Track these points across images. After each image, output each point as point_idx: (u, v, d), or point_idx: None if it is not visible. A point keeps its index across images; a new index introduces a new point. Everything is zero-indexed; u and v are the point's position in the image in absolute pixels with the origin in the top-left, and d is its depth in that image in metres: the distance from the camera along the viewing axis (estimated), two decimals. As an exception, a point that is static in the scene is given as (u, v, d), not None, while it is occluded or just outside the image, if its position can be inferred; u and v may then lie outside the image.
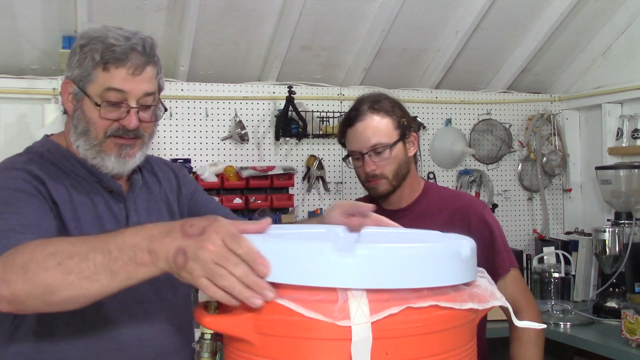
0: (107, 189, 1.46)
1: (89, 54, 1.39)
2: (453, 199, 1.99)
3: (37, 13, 2.82)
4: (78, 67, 1.40)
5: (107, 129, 1.41)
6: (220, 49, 3.22)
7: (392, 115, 1.91)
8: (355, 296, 0.92)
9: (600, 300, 2.99)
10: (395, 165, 1.90)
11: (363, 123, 1.89)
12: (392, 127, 1.90)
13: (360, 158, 1.91)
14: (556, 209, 3.92)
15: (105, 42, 1.38)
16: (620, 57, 3.56)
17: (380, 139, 1.88)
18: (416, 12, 3.21)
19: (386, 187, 1.92)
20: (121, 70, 1.38)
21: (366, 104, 1.91)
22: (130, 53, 1.39)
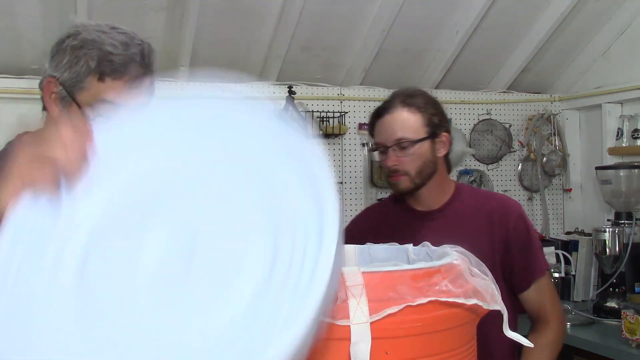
0: None
1: (83, 59, 1.30)
2: (488, 199, 1.93)
3: (37, 13, 2.82)
4: (68, 70, 1.31)
5: None
6: (220, 49, 3.22)
7: (423, 111, 1.84)
8: (354, 295, 0.92)
9: (600, 300, 2.99)
10: (420, 162, 1.82)
11: (391, 116, 1.83)
12: (420, 123, 1.83)
13: (385, 151, 1.85)
14: (556, 209, 3.92)
15: (102, 49, 1.29)
16: (620, 57, 3.56)
17: (406, 134, 1.81)
18: (416, 12, 3.21)
19: (407, 185, 1.84)
20: (118, 83, 1.30)
21: (399, 97, 1.85)
22: (129, 65, 1.31)
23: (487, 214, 1.85)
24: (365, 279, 0.93)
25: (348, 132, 3.51)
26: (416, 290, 0.95)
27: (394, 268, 0.97)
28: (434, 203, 1.88)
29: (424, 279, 0.97)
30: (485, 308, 1.01)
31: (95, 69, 1.29)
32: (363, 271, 0.95)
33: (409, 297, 0.94)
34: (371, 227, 1.90)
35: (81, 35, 1.32)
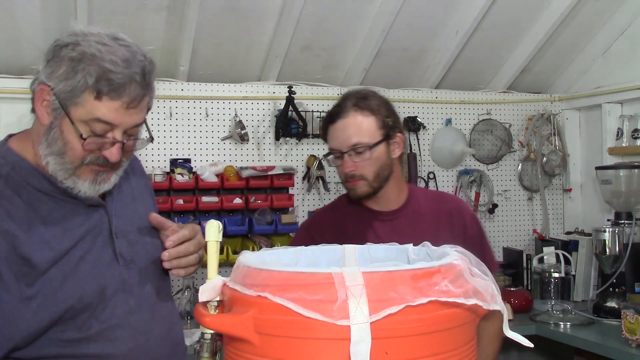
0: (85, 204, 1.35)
1: (81, 74, 1.23)
2: (442, 198, 1.98)
3: (37, 13, 2.82)
4: (64, 82, 1.24)
5: (86, 156, 1.28)
6: (220, 49, 3.22)
7: (376, 114, 1.80)
8: (354, 295, 0.92)
9: (600, 300, 2.99)
10: (377, 166, 1.80)
11: (345, 120, 1.79)
12: (375, 126, 1.79)
13: (340, 157, 1.81)
14: (556, 209, 3.92)
15: (102, 66, 1.23)
16: (620, 57, 3.56)
17: (362, 139, 1.78)
18: (416, 12, 3.21)
19: (365, 189, 1.82)
20: (115, 102, 1.24)
21: (351, 100, 1.81)
22: (129, 85, 1.25)
23: (446, 213, 1.89)
24: (365, 279, 0.94)
25: (348, 132, 3.51)
26: (416, 290, 0.95)
27: (394, 268, 0.97)
28: (393, 203, 1.88)
29: (424, 279, 0.97)
30: (485, 308, 1.01)
31: (92, 86, 1.23)
32: (363, 271, 0.95)
33: (409, 297, 0.94)
34: (330, 229, 1.86)
35: (80, 46, 1.25)
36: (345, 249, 1.35)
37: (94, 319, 1.31)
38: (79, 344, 1.30)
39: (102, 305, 1.32)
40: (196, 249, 1.41)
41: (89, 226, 1.35)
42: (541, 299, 3.26)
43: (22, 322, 1.25)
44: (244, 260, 1.07)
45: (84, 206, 1.35)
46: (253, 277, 1.00)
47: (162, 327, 1.42)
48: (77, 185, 1.30)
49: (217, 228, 1.14)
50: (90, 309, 1.31)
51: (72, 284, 1.28)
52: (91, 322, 1.31)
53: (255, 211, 3.21)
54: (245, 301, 0.99)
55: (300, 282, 0.95)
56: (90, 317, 1.31)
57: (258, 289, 0.98)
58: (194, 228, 1.43)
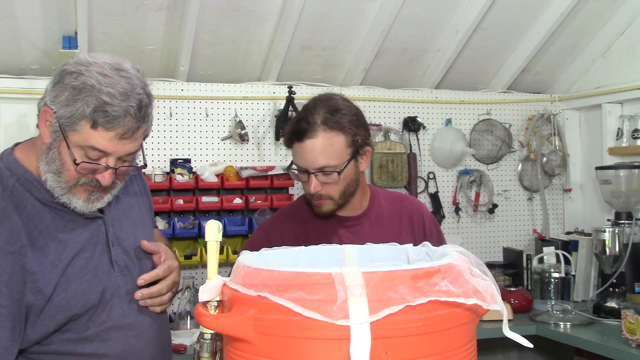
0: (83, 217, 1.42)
1: (80, 103, 1.30)
2: (401, 201, 1.96)
3: (37, 13, 2.82)
4: (65, 107, 1.31)
5: (80, 178, 1.36)
6: (220, 49, 3.22)
7: (346, 132, 1.72)
8: (354, 295, 0.92)
9: (600, 300, 2.99)
10: (343, 185, 1.75)
11: (313, 141, 1.70)
12: (344, 145, 1.72)
13: (306, 174, 1.74)
14: (556, 209, 3.92)
15: (100, 98, 1.29)
16: (620, 57, 3.56)
17: (330, 161, 1.70)
18: (416, 12, 3.21)
19: (330, 207, 1.78)
20: (109, 133, 1.31)
21: (320, 115, 1.71)
22: (124, 117, 1.31)
23: (408, 215, 1.90)
24: (365, 279, 0.94)
25: (348, 132, 3.51)
26: (416, 290, 0.95)
27: (394, 268, 0.97)
28: (356, 209, 1.86)
29: (424, 279, 0.97)
30: (485, 308, 1.01)
31: (89, 115, 1.30)
32: (363, 271, 0.95)
33: (409, 297, 0.94)
34: (292, 238, 1.82)
35: (83, 76, 1.31)
36: (345, 249, 1.35)
37: (92, 322, 1.39)
38: (75, 343, 1.38)
39: (100, 309, 1.41)
40: (168, 289, 1.51)
41: (88, 235, 1.43)
42: (541, 299, 3.26)
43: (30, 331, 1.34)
44: (244, 260, 1.07)
45: (82, 217, 1.43)
46: (253, 277, 1.00)
47: (152, 329, 1.50)
48: (72, 202, 1.38)
49: (217, 228, 1.14)
50: (89, 313, 1.39)
51: (77, 292, 1.37)
52: (89, 324, 1.39)
53: (255, 211, 3.21)
54: (245, 301, 0.99)
55: (300, 282, 0.95)
56: (89, 321, 1.39)
57: (258, 289, 0.98)
58: (171, 267, 1.51)
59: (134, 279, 1.47)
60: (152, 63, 3.20)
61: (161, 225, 3.09)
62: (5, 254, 1.31)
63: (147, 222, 1.64)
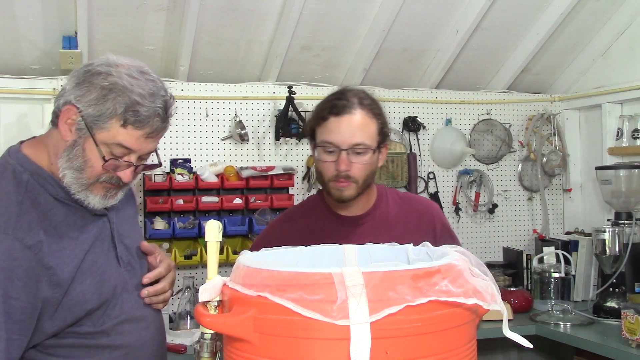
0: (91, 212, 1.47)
1: (111, 102, 1.35)
2: (410, 202, 1.91)
3: (37, 13, 2.82)
4: (93, 107, 1.36)
5: (102, 175, 1.41)
6: (220, 49, 3.22)
7: (378, 119, 1.74)
8: (354, 295, 0.92)
9: (600, 300, 2.99)
10: (368, 171, 1.74)
11: (351, 117, 1.69)
12: (375, 131, 1.73)
13: (336, 152, 1.70)
14: (556, 209, 3.92)
15: (131, 98, 1.36)
16: (620, 57, 3.56)
17: (365, 139, 1.70)
18: (416, 12, 3.21)
19: (352, 193, 1.74)
20: (138, 132, 1.38)
21: (355, 97, 1.72)
22: (153, 118, 1.39)
23: (416, 217, 1.85)
24: (365, 279, 0.94)
25: (348, 132, 3.51)
26: (416, 290, 0.95)
27: (394, 268, 0.97)
28: (360, 209, 1.83)
29: (424, 279, 0.97)
30: (485, 308, 1.01)
31: (121, 114, 1.36)
32: (363, 271, 0.95)
33: (409, 297, 0.94)
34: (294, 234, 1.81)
35: (113, 77, 1.37)
36: (345, 249, 1.35)
37: (107, 316, 1.45)
38: (93, 336, 1.43)
39: (113, 303, 1.46)
40: (170, 286, 1.61)
41: (96, 232, 1.48)
42: (541, 299, 3.26)
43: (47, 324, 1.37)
44: (244, 260, 1.07)
45: (91, 214, 1.48)
46: (253, 277, 1.00)
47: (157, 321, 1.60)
48: (87, 199, 1.43)
49: (217, 228, 1.14)
50: (104, 307, 1.45)
51: (91, 286, 1.42)
52: (104, 318, 1.45)
53: (255, 211, 3.21)
54: (245, 301, 0.99)
55: (300, 282, 0.95)
56: (104, 314, 1.44)
57: (258, 289, 0.98)
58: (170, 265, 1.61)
59: (137, 275, 1.54)
60: (152, 63, 3.20)
61: (161, 225, 3.09)
62: (23, 247, 1.33)
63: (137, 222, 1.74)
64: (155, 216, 3.14)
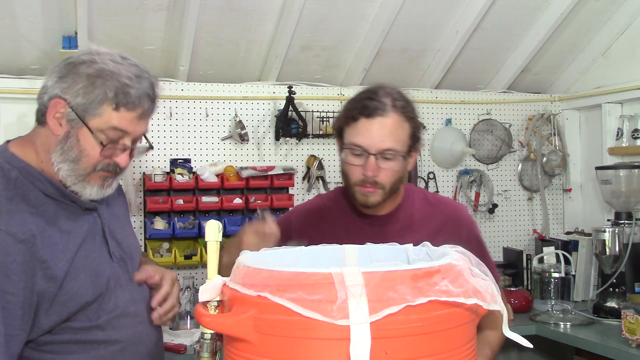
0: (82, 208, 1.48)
1: (100, 88, 1.37)
2: (438, 204, 1.82)
3: (37, 13, 2.82)
4: (82, 96, 1.38)
5: (99, 163, 1.42)
6: (220, 49, 3.22)
7: (411, 122, 1.64)
8: (354, 295, 0.92)
9: (600, 300, 2.99)
10: (396, 177, 1.66)
11: (384, 120, 1.60)
12: (407, 135, 1.64)
13: (364, 156, 1.62)
14: (556, 209, 3.92)
15: (120, 82, 1.38)
16: (620, 57, 3.56)
17: (395, 145, 1.61)
18: (416, 12, 3.21)
19: (378, 199, 1.67)
20: (131, 113, 1.40)
21: (389, 97, 1.63)
22: (143, 99, 1.41)
23: (440, 223, 1.76)
24: (365, 279, 0.94)
25: (348, 132, 3.51)
26: (416, 290, 0.95)
27: (394, 268, 0.97)
28: (385, 208, 1.75)
29: (424, 279, 0.97)
30: (485, 308, 1.01)
31: (112, 98, 1.38)
32: (363, 271, 0.95)
33: (409, 297, 0.94)
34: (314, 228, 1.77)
35: (97, 64, 1.39)
36: (345, 249, 1.35)
37: (102, 310, 1.45)
38: (89, 331, 1.43)
39: (107, 297, 1.46)
40: (177, 300, 1.61)
41: (88, 227, 1.48)
42: (541, 299, 3.26)
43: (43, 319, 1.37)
44: (244, 260, 1.07)
45: (81, 209, 1.48)
46: (253, 277, 1.00)
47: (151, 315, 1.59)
48: (85, 190, 1.44)
49: (217, 228, 1.14)
50: (99, 301, 1.45)
51: (85, 280, 1.42)
52: (99, 312, 1.44)
53: (255, 211, 3.21)
54: (245, 301, 0.99)
55: (300, 282, 0.95)
56: (98, 309, 1.44)
57: (258, 289, 0.98)
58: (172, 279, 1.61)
59: (129, 270, 1.55)
60: (152, 63, 3.20)
61: (161, 225, 3.09)
62: (16, 242, 1.33)
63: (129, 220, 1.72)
64: (155, 216, 3.14)
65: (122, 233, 1.59)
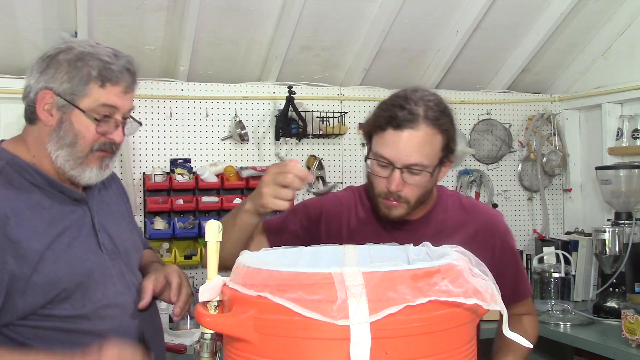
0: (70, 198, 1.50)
1: (84, 70, 1.43)
2: (473, 211, 1.72)
3: (37, 13, 2.82)
4: (67, 80, 1.43)
5: (95, 143, 1.47)
6: (220, 49, 3.22)
7: (444, 134, 1.54)
8: (354, 295, 0.92)
9: (600, 300, 2.99)
10: (423, 191, 1.58)
11: (412, 132, 1.50)
12: (439, 147, 1.54)
13: (389, 168, 1.53)
14: (556, 209, 3.92)
15: (101, 60, 1.45)
16: (620, 57, 3.56)
17: (423, 160, 1.51)
18: (416, 12, 3.21)
19: (402, 212, 1.58)
20: (116, 88, 1.46)
21: (420, 107, 1.52)
22: (125, 73, 1.48)
23: (472, 230, 1.67)
24: (365, 279, 0.94)
25: (348, 132, 3.51)
26: (416, 290, 0.95)
27: (394, 268, 0.97)
28: (415, 214, 1.66)
29: (424, 279, 0.97)
30: (485, 308, 1.01)
31: (96, 76, 1.44)
32: (363, 271, 0.95)
33: (409, 297, 0.94)
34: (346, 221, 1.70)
35: (75, 49, 1.46)
36: (345, 249, 1.35)
37: (88, 300, 1.45)
38: (74, 320, 1.43)
39: (92, 287, 1.46)
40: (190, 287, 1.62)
41: (74, 218, 1.50)
42: (541, 299, 3.26)
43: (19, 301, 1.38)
44: (244, 260, 1.07)
45: (70, 200, 1.50)
46: (253, 277, 1.00)
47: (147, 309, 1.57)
48: (84, 174, 1.48)
49: (217, 228, 1.14)
50: (81, 290, 1.44)
51: (65, 266, 1.43)
52: (84, 301, 1.45)
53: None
54: (245, 301, 0.99)
55: (300, 282, 0.95)
56: (84, 297, 1.45)
57: (258, 289, 0.98)
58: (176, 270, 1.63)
59: (122, 263, 1.56)
60: (152, 63, 3.20)
61: (161, 225, 3.09)
62: None
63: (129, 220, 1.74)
64: (155, 216, 3.14)
65: (117, 228, 1.60)
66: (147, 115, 3.19)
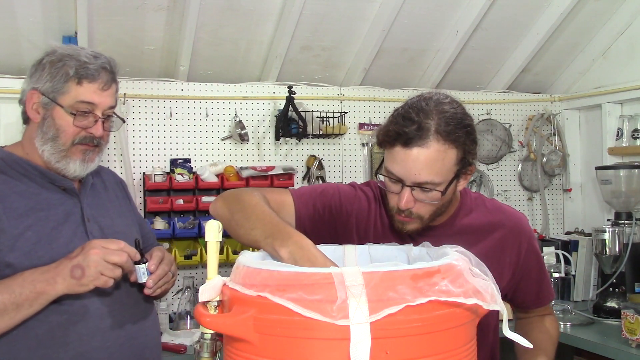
0: (60, 188, 1.62)
1: (63, 69, 1.57)
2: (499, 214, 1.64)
3: (37, 13, 2.82)
4: (49, 81, 1.58)
5: (76, 136, 1.59)
6: (220, 49, 3.22)
7: (460, 147, 1.43)
8: (354, 295, 0.92)
9: (600, 300, 2.99)
10: (437, 207, 1.49)
11: (421, 150, 1.39)
12: (453, 162, 1.43)
13: (399, 184, 1.45)
14: (556, 209, 3.92)
15: (79, 60, 1.58)
16: (620, 57, 3.56)
17: (434, 178, 1.42)
18: (416, 12, 3.21)
19: (416, 227, 1.50)
20: (93, 85, 1.59)
21: (433, 121, 1.42)
22: (101, 71, 1.60)
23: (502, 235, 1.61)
24: (365, 279, 0.94)
25: (348, 132, 3.52)
26: (416, 290, 0.95)
27: (394, 268, 0.97)
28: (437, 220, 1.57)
29: (424, 279, 0.97)
30: (485, 308, 1.01)
31: (73, 75, 1.58)
32: (363, 271, 0.95)
33: (408, 297, 0.94)
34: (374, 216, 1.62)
35: (57, 52, 1.61)
36: (345, 249, 1.35)
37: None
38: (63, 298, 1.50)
39: None
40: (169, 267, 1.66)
41: (64, 208, 1.60)
42: (541, 299, 3.26)
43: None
44: (243, 260, 1.07)
45: (60, 190, 1.62)
46: (253, 277, 1.01)
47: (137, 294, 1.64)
48: (68, 166, 1.60)
49: (217, 228, 1.14)
50: None
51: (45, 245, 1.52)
52: None
53: (255, 211, 3.20)
54: (245, 301, 0.99)
55: (300, 282, 0.95)
56: None
57: (258, 289, 0.98)
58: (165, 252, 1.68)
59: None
60: (152, 63, 3.20)
61: (161, 225, 3.09)
62: None
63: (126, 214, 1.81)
64: (155, 216, 3.14)
65: (110, 220, 1.70)
66: (147, 115, 3.19)
